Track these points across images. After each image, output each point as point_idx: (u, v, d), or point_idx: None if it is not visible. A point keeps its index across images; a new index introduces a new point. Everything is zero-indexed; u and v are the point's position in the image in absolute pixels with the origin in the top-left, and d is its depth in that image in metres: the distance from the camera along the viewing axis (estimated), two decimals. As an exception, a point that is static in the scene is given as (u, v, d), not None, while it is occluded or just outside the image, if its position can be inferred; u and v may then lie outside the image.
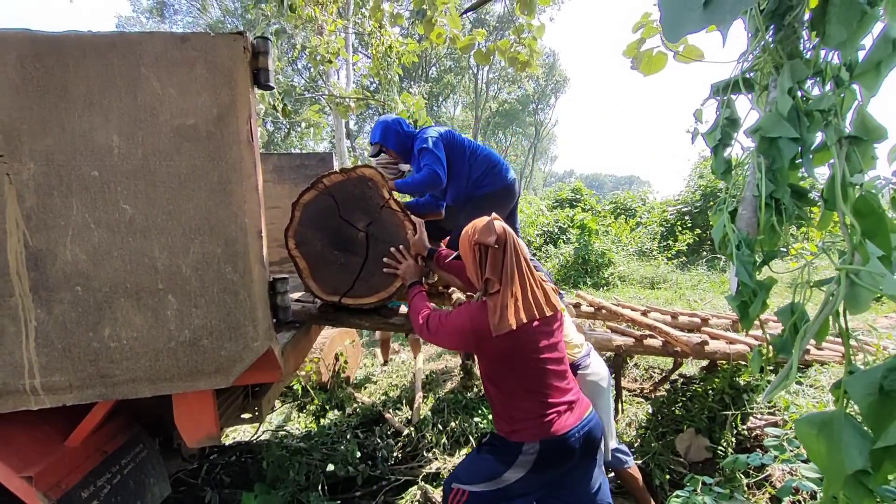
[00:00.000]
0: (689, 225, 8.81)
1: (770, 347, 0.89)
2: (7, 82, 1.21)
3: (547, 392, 1.42)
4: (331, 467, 2.47)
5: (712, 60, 1.35)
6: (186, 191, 1.31)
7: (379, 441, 2.71)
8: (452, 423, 2.83)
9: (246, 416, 1.95)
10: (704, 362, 2.90)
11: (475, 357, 1.54)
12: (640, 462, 2.36)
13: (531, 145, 34.23)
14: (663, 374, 3.23)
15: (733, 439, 2.34)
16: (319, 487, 2.39)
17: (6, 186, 1.22)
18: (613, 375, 2.81)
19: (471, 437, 2.72)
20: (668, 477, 2.28)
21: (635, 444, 2.52)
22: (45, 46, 1.22)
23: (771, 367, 2.66)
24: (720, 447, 2.29)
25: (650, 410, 2.76)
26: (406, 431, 2.80)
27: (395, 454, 2.67)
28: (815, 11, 0.81)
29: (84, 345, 1.30)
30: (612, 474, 2.16)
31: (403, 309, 2.12)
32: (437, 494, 2.33)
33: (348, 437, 2.77)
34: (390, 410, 3.17)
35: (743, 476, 2.08)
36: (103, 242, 1.28)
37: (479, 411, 2.93)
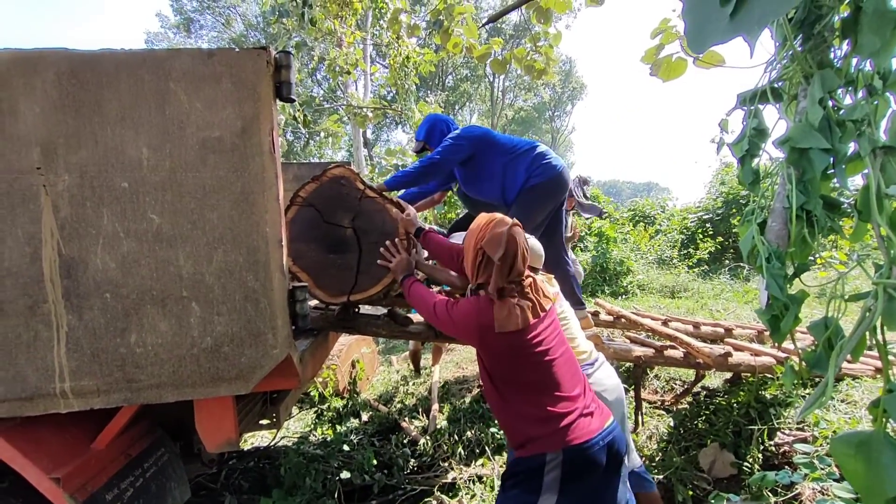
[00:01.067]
0: (711, 233, 8.61)
1: (802, 363, 0.86)
2: (46, 98, 1.27)
3: (560, 386, 1.35)
4: (347, 475, 2.47)
5: (733, 66, 1.32)
6: (211, 201, 1.34)
7: (395, 450, 2.70)
8: (469, 433, 2.81)
9: (264, 422, 1.97)
10: (728, 374, 2.81)
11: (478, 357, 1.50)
12: (661, 477, 2.29)
13: (547, 152, 33.90)
14: (685, 387, 3.14)
15: (760, 455, 2.25)
16: (336, 495, 2.40)
17: (43, 197, 1.28)
18: (633, 387, 2.75)
19: (486, 448, 2.69)
20: (691, 493, 2.21)
21: (657, 458, 2.46)
22: (80, 64, 1.28)
23: (800, 381, 2.57)
24: (746, 463, 2.21)
25: (672, 423, 2.68)
26: (422, 441, 2.79)
27: (411, 463, 2.66)
28: (845, 20, 0.78)
29: (112, 350, 1.33)
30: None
31: (419, 318, 2.13)
32: (452, 505, 2.31)
33: (365, 445, 2.77)
34: (406, 419, 3.16)
35: (771, 494, 2.00)
36: (132, 251, 1.32)
37: (496, 421, 2.90)
